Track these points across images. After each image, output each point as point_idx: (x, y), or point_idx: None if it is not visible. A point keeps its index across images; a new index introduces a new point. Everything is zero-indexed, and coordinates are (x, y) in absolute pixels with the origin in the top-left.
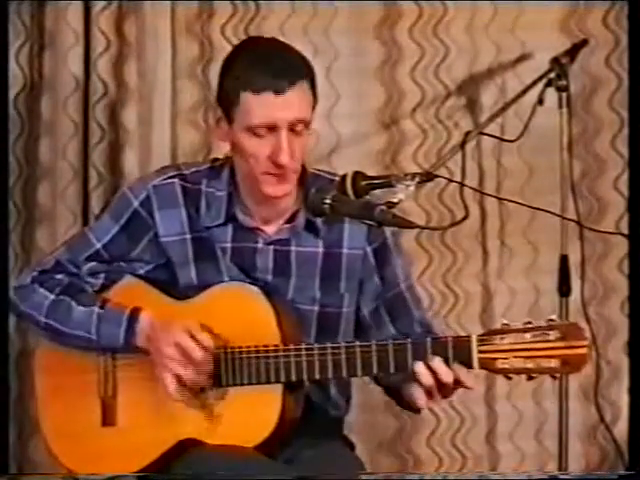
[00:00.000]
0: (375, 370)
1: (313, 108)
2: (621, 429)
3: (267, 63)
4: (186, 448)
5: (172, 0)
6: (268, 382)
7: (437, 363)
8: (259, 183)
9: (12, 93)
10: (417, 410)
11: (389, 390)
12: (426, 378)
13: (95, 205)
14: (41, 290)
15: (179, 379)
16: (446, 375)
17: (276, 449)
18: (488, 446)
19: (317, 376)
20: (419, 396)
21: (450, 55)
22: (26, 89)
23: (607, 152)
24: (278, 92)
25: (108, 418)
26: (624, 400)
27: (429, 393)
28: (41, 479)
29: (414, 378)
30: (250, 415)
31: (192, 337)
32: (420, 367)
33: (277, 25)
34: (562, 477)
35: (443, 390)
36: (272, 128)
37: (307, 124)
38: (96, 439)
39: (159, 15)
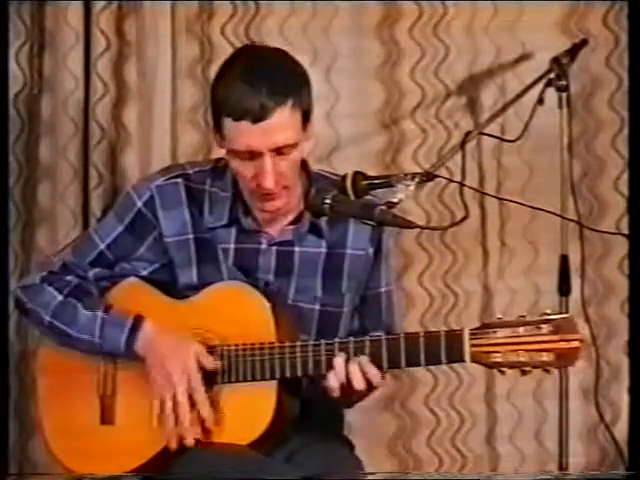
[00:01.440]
0: None
1: (307, 119)
2: (621, 429)
3: (248, 86)
4: (183, 446)
5: (172, 0)
6: (263, 379)
7: (353, 367)
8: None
9: (12, 93)
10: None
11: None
12: (338, 376)
13: (95, 205)
14: (50, 289)
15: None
16: (358, 383)
17: (272, 446)
18: (488, 446)
19: (311, 372)
20: (332, 385)
21: (450, 55)
22: (26, 89)
23: (607, 152)
24: (257, 120)
25: (107, 416)
26: (624, 400)
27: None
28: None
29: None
30: (245, 412)
31: (199, 365)
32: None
33: (277, 25)
34: (562, 477)
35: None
36: (254, 155)
37: (294, 145)
38: (94, 437)
39: (159, 15)
